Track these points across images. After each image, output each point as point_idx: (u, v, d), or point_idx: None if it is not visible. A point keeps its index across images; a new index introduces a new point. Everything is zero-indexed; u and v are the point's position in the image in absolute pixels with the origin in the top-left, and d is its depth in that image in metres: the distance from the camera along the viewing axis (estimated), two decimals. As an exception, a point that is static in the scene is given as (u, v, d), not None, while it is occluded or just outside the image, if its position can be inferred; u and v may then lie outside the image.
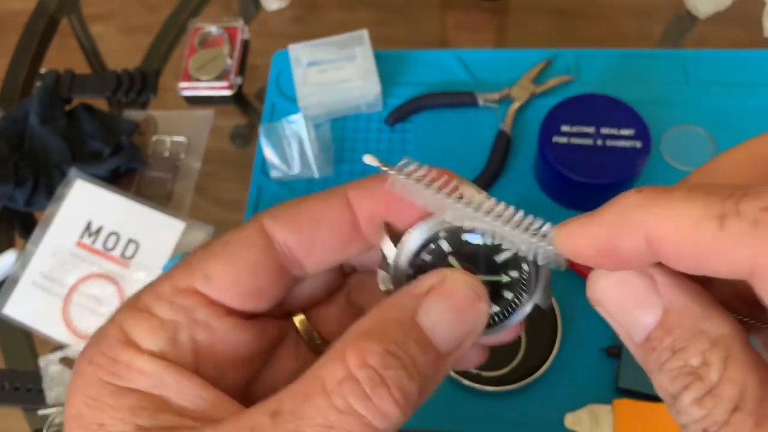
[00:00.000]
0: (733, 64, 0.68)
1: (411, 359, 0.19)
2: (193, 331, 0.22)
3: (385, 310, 0.20)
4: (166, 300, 0.22)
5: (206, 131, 0.72)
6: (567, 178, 0.57)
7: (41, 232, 0.65)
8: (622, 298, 0.19)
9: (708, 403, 0.16)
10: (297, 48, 0.70)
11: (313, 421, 0.18)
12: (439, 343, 0.20)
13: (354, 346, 0.19)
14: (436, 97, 0.68)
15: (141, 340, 0.21)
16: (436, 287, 0.21)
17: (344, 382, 0.19)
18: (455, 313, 0.21)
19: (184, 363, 0.21)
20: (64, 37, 0.82)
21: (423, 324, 0.20)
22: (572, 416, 0.51)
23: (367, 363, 0.19)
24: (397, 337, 0.19)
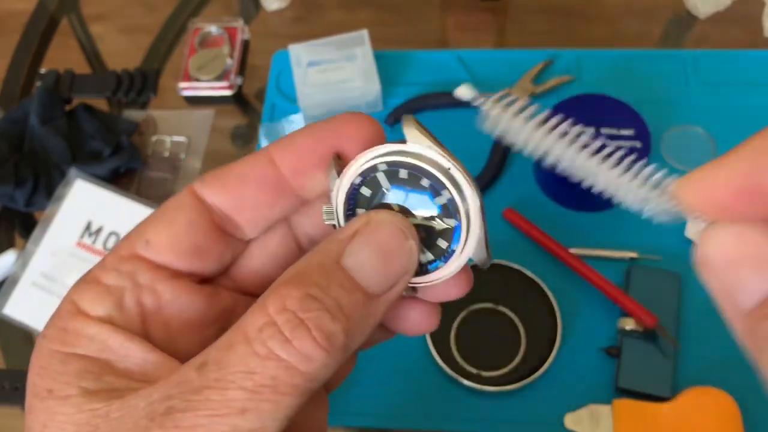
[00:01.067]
0: (733, 64, 0.68)
1: (333, 300, 0.19)
2: (138, 295, 0.22)
3: (309, 257, 0.21)
4: (111, 268, 0.22)
5: (206, 131, 0.72)
6: (567, 178, 0.57)
7: (41, 232, 0.65)
8: (739, 256, 0.17)
9: None
10: (297, 48, 0.70)
11: (235, 369, 0.19)
12: (366, 283, 0.20)
13: (275, 293, 0.20)
14: (436, 97, 0.68)
15: (88, 308, 0.22)
16: (361, 229, 0.21)
17: (264, 328, 0.19)
18: (380, 251, 0.21)
19: (131, 327, 0.22)
20: (64, 37, 0.82)
21: (347, 265, 0.20)
22: (572, 416, 0.51)
23: (286, 307, 0.19)
24: (318, 280, 0.20)
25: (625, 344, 0.53)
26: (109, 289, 0.22)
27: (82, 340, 0.21)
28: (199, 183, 0.23)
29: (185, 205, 0.23)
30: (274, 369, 0.19)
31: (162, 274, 0.23)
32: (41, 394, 0.21)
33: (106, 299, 0.22)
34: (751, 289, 0.16)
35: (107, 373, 0.21)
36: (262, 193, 0.23)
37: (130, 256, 0.22)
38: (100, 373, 0.21)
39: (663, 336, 0.53)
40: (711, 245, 0.17)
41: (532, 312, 0.56)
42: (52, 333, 0.22)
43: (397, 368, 0.56)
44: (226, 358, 0.19)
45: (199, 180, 0.23)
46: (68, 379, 0.20)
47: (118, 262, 0.22)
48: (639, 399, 0.51)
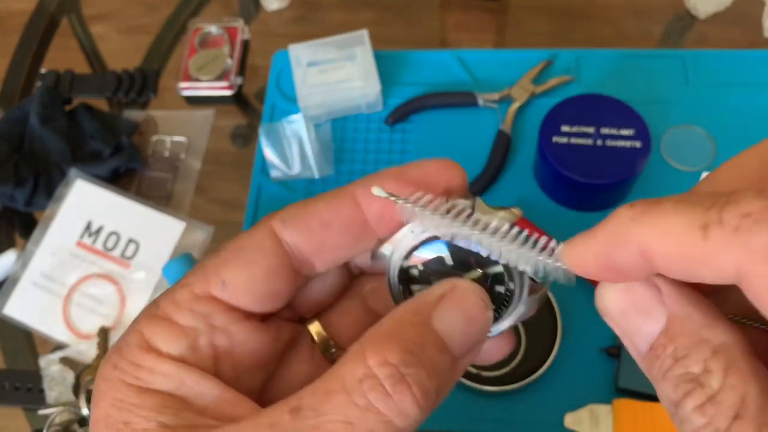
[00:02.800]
0: (733, 64, 0.68)
1: (429, 359, 0.20)
2: (212, 337, 0.22)
3: (401, 315, 0.21)
4: (185, 307, 0.22)
5: (206, 131, 0.72)
6: (567, 178, 0.57)
7: (41, 232, 0.65)
8: (627, 308, 0.19)
9: (709, 411, 0.16)
10: (297, 48, 0.70)
11: (333, 417, 0.18)
12: (453, 346, 0.21)
13: (374, 346, 0.20)
14: (436, 97, 0.68)
15: (162, 346, 0.22)
16: (447, 295, 0.21)
17: (365, 379, 0.19)
18: (467, 319, 0.21)
19: (203, 366, 0.22)
20: (65, 37, 0.82)
21: (438, 328, 0.21)
22: (572, 416, 0.51)
23: (387, 361, 0.19)
24: (414, 338, 0.20)
25: (625, 344, 0.53)
26: (184, 330, 0.22)
27: (157, 377, 0.21)
28: (281, 223, 0.23)
29: (264, 246, 0.23)
30: (373, 422, 0.18)
31: (235, 315, 0.23)
32: (116, 426, 0.20)
33: (180, 340, 0.22)
34: (642, 334, 0.19)
35: (185, 409, 0.21)
36: (345, 237, 0.23)
37: (205, 296, 0.22)
38: (178, 409, 0.21)
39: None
40: (604, 299, 0.20)
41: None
42: (125, 366, 0.21)
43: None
44: (324, 405, 0.19)
45: (280, 219, 0.23)
46: (146, 414, 0.20)
47: (192, 301, 0.22)
48: (639, 399, 0.51)
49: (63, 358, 0.59)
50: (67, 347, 0.60)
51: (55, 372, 0.59)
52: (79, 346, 0.60)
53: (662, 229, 0.17)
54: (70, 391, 0.57)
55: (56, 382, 0.58)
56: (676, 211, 0.17)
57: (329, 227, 0.23)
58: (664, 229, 0.17)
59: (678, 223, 0.17)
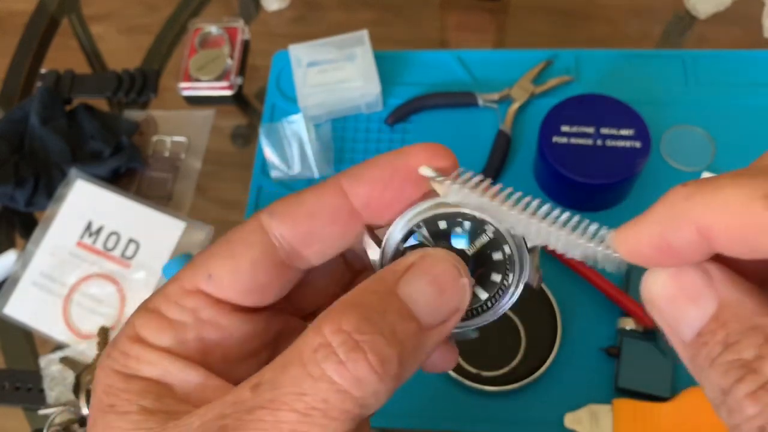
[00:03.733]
0: (733, 64, 0.68)
1: (389, 326, 0.19)
2: (200, 330, 0.23)
3: (365, 284, 0.21)
4: (173, 301, 0.23)
5: (206, 131, 0.72)
6: (567, 178, 0.58)
7: (42, 232, 0.65)
8: (676, 293, 0.19)
9: (764, 398, 0.16)
10: (297, 48, 0.70)
11: (287, 390, 0.18)
12: (420, 314, 0.20)
13: (330, 315, 0.19)
14: (436, 97, 0.68)
15: (149, 337, 0.22)
16: (416, 262, 0.21)
17: (319, 349, 0.19)
18: (436, 286, 0.21)
19: (190, 357, 0.22)
20: (65, 37, 0.82)
21: (402, 295, 0.20)
22: (572, 416, 0.51)
23: (341, 328, 0.19)
24: (374, 305, 0.19)
25: (624, 344, 0.53)
26: (171, 323, 0.22)
27: (144, 364, 0.22)
28: (268, 215, 0.23)
29: (251, 239, 0.23)
30: (326, 392, 0.18)
31: (223, 308, 0.23)
32: (104, 409, 0.21)
33: (167, 332, 0.22)
34: (689, 321, 0.18)
35: (167, 395, 0.21)
36: (333, 227, 0.23)
37: (193, 290, 0.23)
38: (160, 395, 0.21)
39: (663, 336, 0.53)
40: (652, 286, 0.19)
41: (532, 312, 0.56)
42: (116, 355, 0.22)
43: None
44: (281, 378, 0.19)
45: (268, 211, 0.23)
46: (129, 397, 0.21)
47: (180, 295, 0.23)
48: (639, 399, 0.51)
49: (63, 358, 0.59)
50: (67, 347, 0.60)
51: (55, 372, 0.59)
52: (79, 346, 0.60)
53: (721, 203, 0.16)
54: (70, 391, 0.57)
55: (56, 382, 0.58)
56: (735, 185, 0.16)
57: (316, 217, 0.23)
58: (723, 203, 0.16)
59: (737, 196, 0.16)
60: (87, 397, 0.55)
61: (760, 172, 0.16)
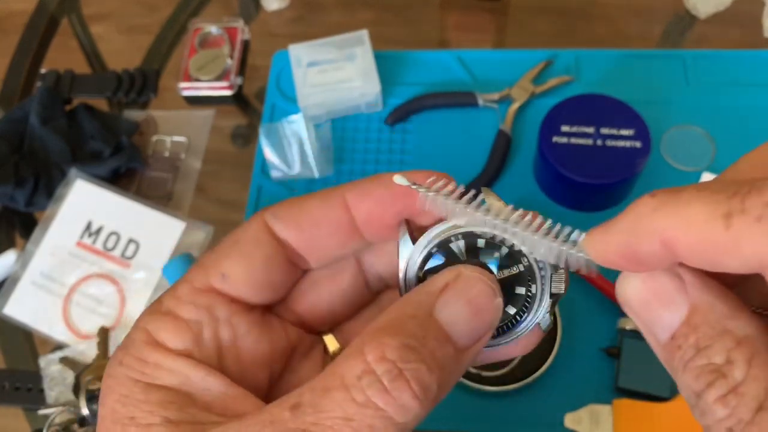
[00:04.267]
0: (733, 64, 0.68)
1: (429, 353, 0.19)
2: (215, 329, 0.22)
3: (402, 307, 0.21)
4: (188, 301, 0.22)
5: (206, 131, 0.72)
6: (567, 178, 0.57)
7: (41, 232, 0.65)
8: (649, 297, 0.19)
9: (732, 402, 0.16)
10: (297, 48, 0.70)
11: (332, 414, 0.18)
12: (457, 337, 0.20)
13: (372, 342, 0.19)
14: (436, 97, 0.68)
15: (167, 341, 0.22)
16: (451, 283, 0.21)
17: (363, 376, 0.19)
18: (472, 307, 0.21)
19: (209, 361, 0.22)
20: (65, 37, 0.82)
21: (440, 319, 0.20)
22: (572, 416, 0.51)
23: (385, 357, 0.19)
24: (414, 331, 0.20)
25: (625, 344, 0.53)
26: (188, 324, 0.22)
27: (163, 372, 0.21)
28: (273, 218, 0.23)
29: (261, 240, 0.23)
30: (372, 418, 0.18)
31: (237, 307, 0.23)
32: (122, 421, 0.21)
33: (184, 334, 0.22)
34: (663, 324, 0.19)
35: (189, 405, 0.21)
36: (334, 236, 0.24)
37: (206, 290, 0.23)
38: (183, 405, 0.21)
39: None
40: (625, 290, 0.20)
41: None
42: (130, 362, 0.22)
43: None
44: (323, 402, 0.19)
45: (272, 214, 0.24)
46: (151, 408, 0.21)
47: (193, 294, 0.23)
48: (639, 399, 0.51)
49: (63, 358, 0.59)
50: (67, 347, 0.60)
51: (55, 372, 0.59)
52: (79, 346, 0.60)
53: (684, 219, 0.17)
54: (70, 391, 0.57)
55: (56, 382, 0.58)
56: (698, 200, 0.16)
57: (319, 226, 0.23)
58: (686, 219, 0.17)
59: (700, 212, 0.16)
60: (87, 397, 0.55)
61: (724, 188, 0.16)
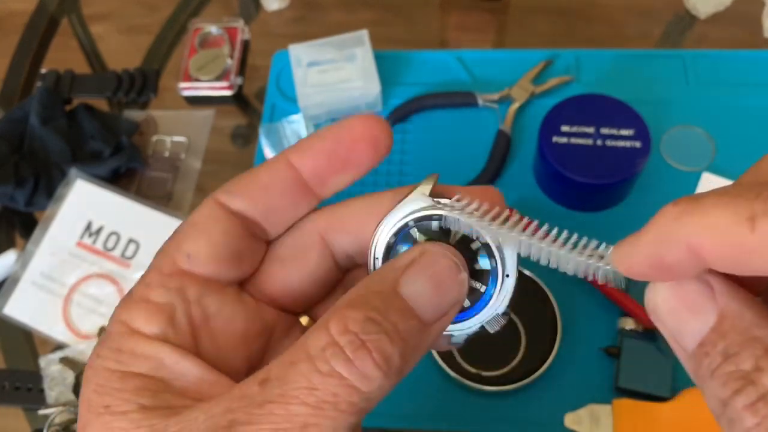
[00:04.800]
0: (733, 64, 0.68)
1: (392, 325, 0.20)
2: (188, 310, 0.23)
3: (368, 283, 0.22)
4: (158, 285, 0.23)
5: (206, 131, 0.72)
6: (567, 178, 0.58)
7: (41, 232, 0.65)
8: (677, 305, 0.19)
9: (762, 409, 0.16)
10: (297, 48, 0.70)
11: (297, 385, 0.19)
12: (422, 311, 0.21)
13: (335, 315, 0.20)
14: (436, 97, 0.68)
15: (141, 327, 0.22)
16: (416, 259, 0.22)
17: (327, 347, 0.20)
18: (436, 281, 0.22)
19: (184, 344, 0.22)
20: (65, 37, 0.82)
21: (404, 293, 0.21)
22: (572, 416, 0.51)
23: (348, 329, 0.20)
24: (377, 305, 0.21)
25: (625, 344, 0.53)
26: (160, 307, 0.22)
27: (138, 359, 0.22)
28: (225, 193, 0.24)
29: (216, 215, 0.24)
30: (336, 386, 0.19)
31: (207, 286, 0.23)
32: (98, 410, 0.21)
33: (158, 317, 0.22)
34: (691, 332, 0.19)
35: (164, 390, 0.21)
36: (286, 198, 0.24)
37: (174, 272, 0.23)
38: (157, 391, 0.21)
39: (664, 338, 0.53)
40: (654, 299, 0.20)
41: (532, 312, 0.56)
42: (107, 353, 0.22)
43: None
44: (289, 374, 0.20)
45: (223, 190, 0.24)
46: (126, 396, 0.21)
47: (162, 278, 0.23)
48: (639, 399, 0.51)
49: (63, 358, 0.59)
50: (67, 347, 0.60)
51: (55, 372, 0.59)
52: (79, 346, 0.60)
53: (709, 224, 0.17)
54: (70, 391, 0.57)
55: (56, 382, 0.58)
56: (721, 205, 0.17)
57: (270, 190, 0.24)
58: (710, 224, 0.17)
59: (724, 216, 0.16)
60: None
61: (745, 191, 0.16)
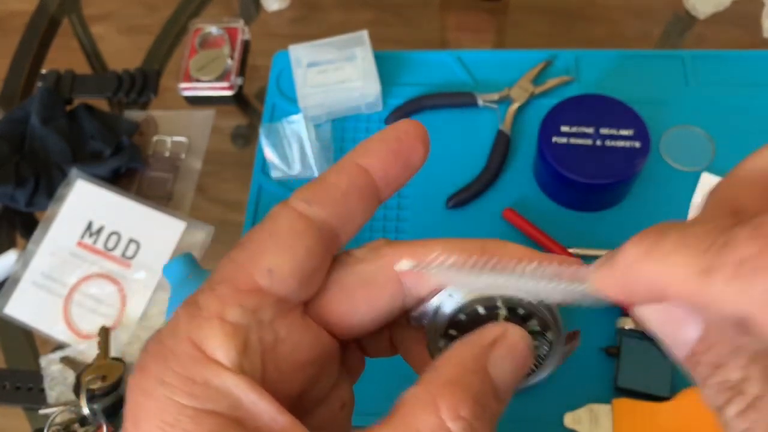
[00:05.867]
0: (732, 65, 0.68)
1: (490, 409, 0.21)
2: (261, 334, 0.20)
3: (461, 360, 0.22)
4: (233, 303, 0.20)
5: (207, 131, 0.72)
6: (567, 178, 0.58)
7: (42, 232, 0.65)
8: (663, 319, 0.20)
9: (751, 416, 0.17)
10: (297, 48, 0.70)
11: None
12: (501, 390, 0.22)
13: (444, 397, 0.20)
14: (436, 97, 0.68)
15: (216, 353, 0.19)
16: (500, 339, 0.22)
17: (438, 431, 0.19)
18: (517, 364, 0.22)
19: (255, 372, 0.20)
20: (65, 37, 0.82)
21: (492, 374, 0.21)
22: (572, 416, 0.51)
23: (460, 415, 0.20)
24: (479, 388, 0.21)
25: (624, 344, 0.53)
26: (236, 330, 0.20)
27: (214, 394, 0.19)
28: (303, 203, 0.22)
29: (299, 229, 0.22)
30: None
31: (281, 308, 0.21)
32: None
33: (232, 342, 0.20)
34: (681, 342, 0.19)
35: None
36: (363, 203, 0.23)
37: (252, 289, 0.21)
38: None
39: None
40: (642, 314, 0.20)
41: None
42: (175, 381, 0.19)
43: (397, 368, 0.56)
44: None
45: (301, 199, 0.22)
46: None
47: (239, 295, 0.20)
48: (638, 399, 0.51)
49: (63, 358, 0.59)
50: (67, 347, 0.60)
51: (55, 372, 0.59)
52: (79, 346, 0.60)
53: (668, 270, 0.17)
54: (70, 391, 0.57)
55: (57, 381, 0.58)
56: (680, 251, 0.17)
57: (349, 195, 0.23)
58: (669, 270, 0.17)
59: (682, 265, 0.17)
60: (87, 397, 0.55)
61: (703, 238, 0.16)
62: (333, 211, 0.23)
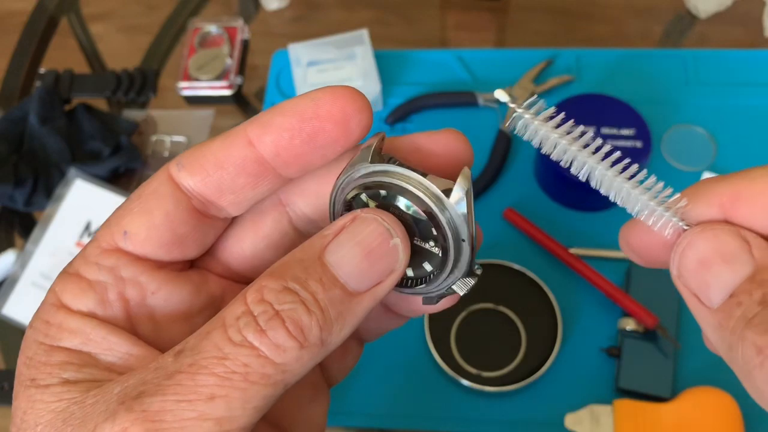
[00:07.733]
0: (733, 64, 0.68)
1: (310, 295, 0.19)
2: (121, 289, 0.22)
3: (294, 251, 0.21)
4: (93, 262, 0.22)
5: (206, 131, 0.72)
6: (567, 178, 0.57)
7: (41, 232, 0.65)
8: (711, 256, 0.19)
9: None
10: (297, 48, 0.70)
11: (208, 354, 0.19)
12: (346, 279, 0.20)
13: (255, 285, 0.20)
14: (436, 97, 0.68)
15: (71, 302, 0.22)
16: (346, 226, 0.21)
17: (242, 317, 0.19)
18: (364, 248, 0.20)
19: (116, 321, 0.22)
20: (64, 36, 0.82)
21: (329, 261, 0.20)
22: (572, 416, 0.51)
23: (263, 299, 0.19)
24: (297, 273, 0.20)
25: (625, 344, 0.53)
26: (92, 285, 0.22)
27: (65, 333, 0.21)
28: (176, 167, 0.22)
29: (162, 193, 0.22)
30: (247, 357, 0.19)
31: (144, 265, 0.22)
32: (25, 383, 0.21)
33: (88, 294, 0.22)
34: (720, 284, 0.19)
35: (89, 365, 0.21)
36: (242, 177, 0.22)
37: (111, 249, 0.22)
38: (82, 365, 0.21)
39: (663, 336, 0.53)
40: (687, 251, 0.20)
41: (533, 312, 0.56)
42: (38, 325, 0.22)
43: (397, 368, 0.56)
44: (202, 343, 0.19)
45: (176, 162, 0.22)
46: (51, 370, 0.21)
47: (99, 255, 0.22)
48: (639, 399, 0.51)
49: (62, 359, 0.59)
50: (66, 347, 0.60)
51: (54, 372, 0.59)
52: (78, 347, 0.60)
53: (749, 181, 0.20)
54: (69, 392, 0.57)
55: (55, 382, 0.58)
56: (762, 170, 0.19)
57: (224, 167, 0.22)
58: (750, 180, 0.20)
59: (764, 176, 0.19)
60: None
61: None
62: (203, 180, 0.22)
